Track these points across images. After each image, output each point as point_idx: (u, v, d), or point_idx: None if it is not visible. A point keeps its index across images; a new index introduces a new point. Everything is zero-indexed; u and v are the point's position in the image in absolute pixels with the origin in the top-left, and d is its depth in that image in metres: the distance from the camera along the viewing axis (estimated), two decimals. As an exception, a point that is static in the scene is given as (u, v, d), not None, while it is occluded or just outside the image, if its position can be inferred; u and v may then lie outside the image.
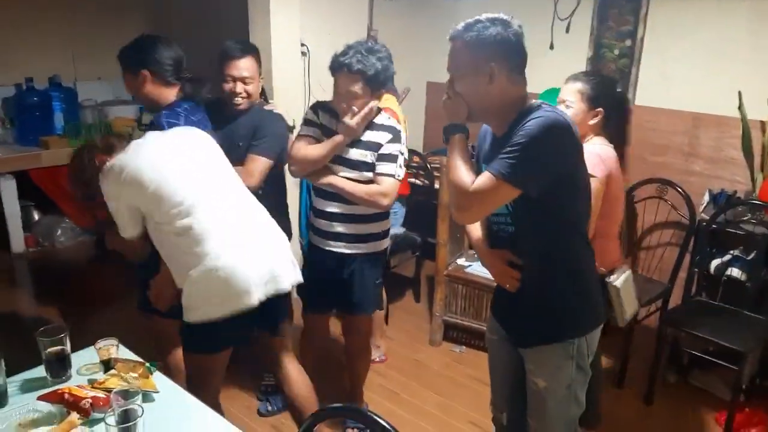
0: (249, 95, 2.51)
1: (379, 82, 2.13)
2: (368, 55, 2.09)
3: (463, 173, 1.59)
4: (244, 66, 2.48)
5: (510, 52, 1.58)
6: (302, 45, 3.54)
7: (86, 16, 4.68)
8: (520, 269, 1.72)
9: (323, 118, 2.31)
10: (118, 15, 4.92)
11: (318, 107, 2.35)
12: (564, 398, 1.77)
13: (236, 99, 2.50)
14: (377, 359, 3.20)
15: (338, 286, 2.37)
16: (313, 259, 2.48)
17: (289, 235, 2.84)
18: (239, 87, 2.48)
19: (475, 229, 1.88)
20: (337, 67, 2.13)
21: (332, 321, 2.79)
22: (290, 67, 3.50)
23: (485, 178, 1.54)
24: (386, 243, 2.43)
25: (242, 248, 1.88)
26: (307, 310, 2.54)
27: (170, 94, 2.20)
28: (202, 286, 1.84)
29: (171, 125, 2.09)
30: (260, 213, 2.06)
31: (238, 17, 3.49)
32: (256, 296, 1.87)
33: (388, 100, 2.88)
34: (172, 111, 2.15)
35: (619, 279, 2.20)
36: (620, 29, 3.41)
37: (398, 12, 4.12)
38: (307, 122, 2.35)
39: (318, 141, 2.29)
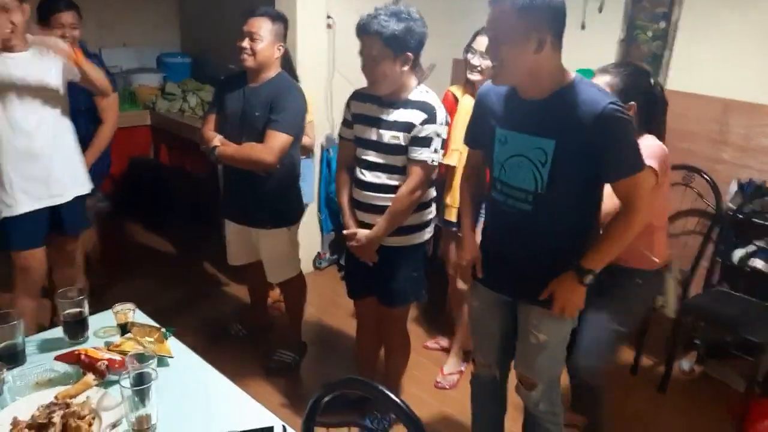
0: (254, 53, 2.48)
1: (399, 44, 2.01)
2: (389, 16, 2.00)
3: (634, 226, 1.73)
4: (254, 23, 2.48)
5: (559, 18, 1.58)
6: (328, 17, 3.50)
7: (112, -16, 4.67)
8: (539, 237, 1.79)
9: (354, 108, 2.24)
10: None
11: (350, 98, 2.28)
12: (556, 349, 1.91)
13: (242, 55, 2.50)
14: (442, 383, 2.90)
15: (375, 274, 2.30)
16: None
17: (300, 211, 2.84)
18: (245, 42, 2.48)
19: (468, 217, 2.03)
20: (358, 30, 2.07)
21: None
22: (315, 40, 3.48)
23: (633, 184, 1.65)
24: (427, 234, 2.31)
25: None
26: (349, 295, 2.51)
27: None
28: None
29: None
30: None
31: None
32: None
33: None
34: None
35: (676, 272, 2.21)
36: (655, 11, 3.31)
37: (426, -14, 4.03)
38: (343, 121, 2.31)
39: (350, 141, 2.26)
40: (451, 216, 2.74)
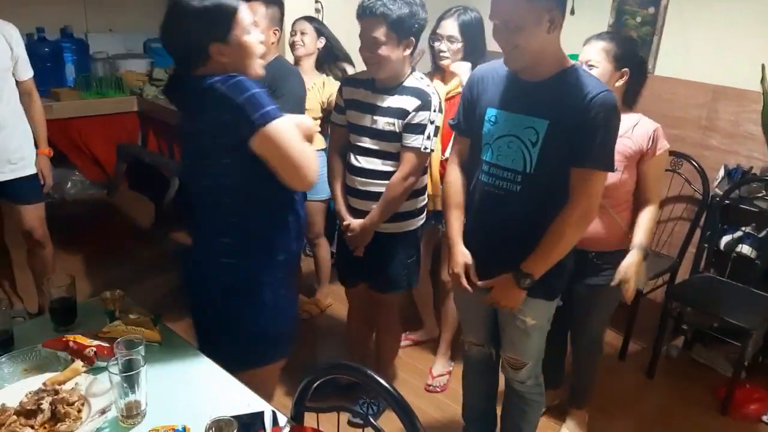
0: None
1: (405, 29, 1.99)
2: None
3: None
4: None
5: None
6: (316, 2, 3.47)
7: (98, -33, 4.60)
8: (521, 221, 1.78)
9: (347, 93, 2.21)
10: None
11: (342, 84, 2.27)
12: (543, 330, 1.94)
13: None
14: (433, 386, 2.79)
15: (368, 260, 2.28)
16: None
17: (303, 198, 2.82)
18: None
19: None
20: (361, 11, 2.03)
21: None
22: (303, 25, 3.45)
23: (587, 178, 1.67)
24: (420, 220, 2.31)
25: None
26: (342, 282, 2.50)
27: None
28: None
29: None
30: None
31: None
32: None
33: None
34: None
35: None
36: (643, -4, 3.31)
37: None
38: (335, 107, 2.28)
39: (343, 127, 2.23)
40: (436, 205, 2.57)
